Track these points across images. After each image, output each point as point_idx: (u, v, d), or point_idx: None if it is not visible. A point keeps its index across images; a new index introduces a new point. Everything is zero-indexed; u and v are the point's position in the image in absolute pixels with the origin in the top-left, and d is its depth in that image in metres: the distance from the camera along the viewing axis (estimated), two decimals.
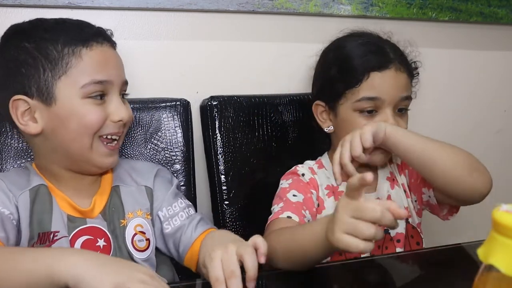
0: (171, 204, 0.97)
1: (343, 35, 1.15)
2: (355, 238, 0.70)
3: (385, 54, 1.08)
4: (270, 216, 1.03)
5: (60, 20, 0.92)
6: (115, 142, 0.92)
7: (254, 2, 1.27)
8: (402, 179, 1.12)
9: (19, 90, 0.86)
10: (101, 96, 0.88)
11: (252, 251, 0.73)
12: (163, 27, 1.24)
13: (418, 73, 1.16)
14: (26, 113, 0.86)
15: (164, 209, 0.96)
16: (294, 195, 1.04)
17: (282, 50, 1.35)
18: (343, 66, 1.09)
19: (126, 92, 0.96)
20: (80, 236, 0.88)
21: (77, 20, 0.93)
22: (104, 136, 0.89)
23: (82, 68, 0.85)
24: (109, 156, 0.91)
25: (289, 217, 0.99)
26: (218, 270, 0.71)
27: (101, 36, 0.90)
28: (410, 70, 1.11)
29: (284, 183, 1.08)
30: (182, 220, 0.95)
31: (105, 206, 0.92)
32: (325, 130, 1.13)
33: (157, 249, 0.97)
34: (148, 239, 0.94)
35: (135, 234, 0.93)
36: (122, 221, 0.93)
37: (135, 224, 0.93)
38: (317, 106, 1.14)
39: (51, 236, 0.86)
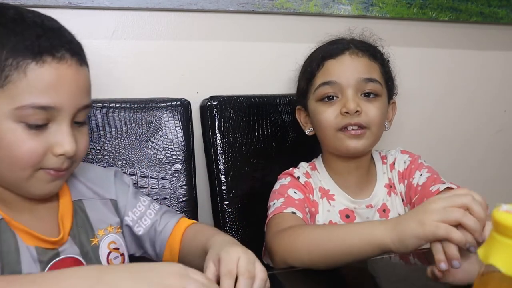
0: (135, 206, 0.91)
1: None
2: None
3: (340, 43, 1.10)
4: (270, 211, 1.01)
5: (21, 14, 0.73)
6: (62, 172, 0.76)
7: (254, 2, 1.27)
8: (400, 188, 1.10)
9: None
10: (41, 125, 0.71)
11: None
12: (163, 27, 1.24)
13: (388, 60, 1.14)
14: None
15: (130, 213, 0.91)
16: (295, 192, 1.04)
17: (282, 50, 1.35)
18: (305, 65, 1.14)
19: (92, 100, 0.79)
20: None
21: (42, 20, 0.74)
22: (46, 169, 0.74)
23: (23, 86, 0.69)
24: (50, 182, 0.76)
25: (293, 212, 0.98)
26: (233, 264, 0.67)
27: (66, 49, 0.73)
28: (372, 54, 1.09)
29: (283, 181, 1.08)
30: (152, 217, 0.91)
31: (72, 226, 0.82)
32: (306, 133, 1.14)
33: (131, 256, 0.92)
34: (122, 254, 0.88)
35: (109, 252, 0.85)
36: (92, 239, 0.84)
37: (108, 241, 0.86)
38: (299, 111, 1.16)
39: None
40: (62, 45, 0.72)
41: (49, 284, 0.58)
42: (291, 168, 1.11)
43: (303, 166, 1.13)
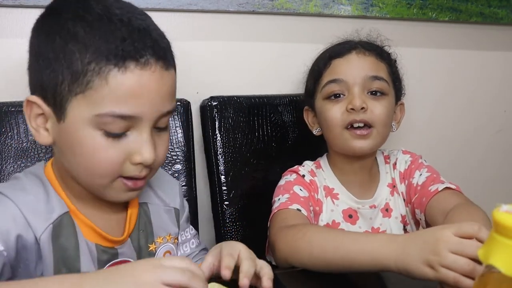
0: (184, 230, 0.91)
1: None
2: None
3: (347, 43, 1.11)
4: (274, 206, 1.01)
5: (108, 11, 0.68)
6: (141, 181, 0.74)
7: (254, 2, 1.27)
8: (401, 188, 1.10)
9: (38, 88, 0.71)
10: (120, 133, 0.69)
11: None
12: (163, 27, 1.23)
13: (395, 60, 1.14)
14: (40, 118, 0.72)
15: (178, 235, 0.90)
16: (300, 190, 1.04)
17: (282, 51, 1.35)
18: (313, 65, 1.15)
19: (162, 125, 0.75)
20: None
21: (129, 18, 0.69)
22: (125, 177, 0.73)
23: (103, 94, 0.66)
24: (127, 191, 0.75)
25: (298, 210, 0.98)
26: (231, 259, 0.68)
27: (151, 54, 0.68)
28: (379, 54, 1.09)
29: (288, 177, 1.08)
30: (193, 248, 0.92)
31: (134, 228, 0.81)
32: (314, 133, 1.14)
33: None
34: None
35: None
36: (151, 245, 0.83)
37: (165, 250, 0.85)
38: (306, 112, 1.16)
39: None
40: (146, 49, 0.68)
41: None
42: (295, 166, 1.11)
43: (308, 164, 1.13)
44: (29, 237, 0.69)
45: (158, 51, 0.70)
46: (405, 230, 1.09)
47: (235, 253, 0.68)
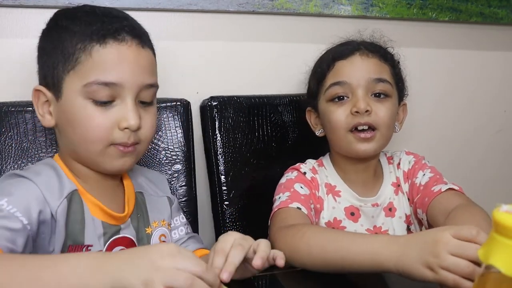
0: (174, 217, 0.98)
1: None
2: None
3: (350, 44, 1.11)
4: (275, 205, 1.01)
5: (94, 9, 0.85)
6: (131, 147, 0.83)
7: (254, 2, 1.27)
8: (405, 187, 1.10)
9: (42, 79, 0.84)
10: (107, 102, 0.80)
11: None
12: (163, 27, 1.24)
13: (399, 62, 1.14)
14: (45, 105, 0.84)
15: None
16: (301, 187, 1.04)
17: (282, 51, 1.35)
18: (315, 66, 1.14)
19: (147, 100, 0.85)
20: (113, 247, 0.85)
21: (110, 11, 0.85)
22: (117, 144, 0.82)
23: (89, 66, 0.79)
24: (121, 157, 0.83)
25: (298, 208, 0.98)
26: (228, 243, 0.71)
27: (127, 33, 0.81)
28: (382, 55, 1.09)
29: (289, 175, 1.08)
30: (182, 234, 0.98)
31: (133, 211, 0.90)
32: (317, 134, 1.14)
33: None
34: None
35: None
36: (147, 229, 0.91)
37: (160, 234, 0.93)
38: (309, 113, 1.16)
39: (83, 250, 0.81)
40: (123, 28, 0.81)
41: (54, 268, 0.61)
42: (297, 164, 1.11)
43: (310, 162, 1.13)
44: (47, 213, 0.77)
45: (134, 30, 0.83)
46: (408, 230, 1.09)
47: (227, 246, 0.70)
